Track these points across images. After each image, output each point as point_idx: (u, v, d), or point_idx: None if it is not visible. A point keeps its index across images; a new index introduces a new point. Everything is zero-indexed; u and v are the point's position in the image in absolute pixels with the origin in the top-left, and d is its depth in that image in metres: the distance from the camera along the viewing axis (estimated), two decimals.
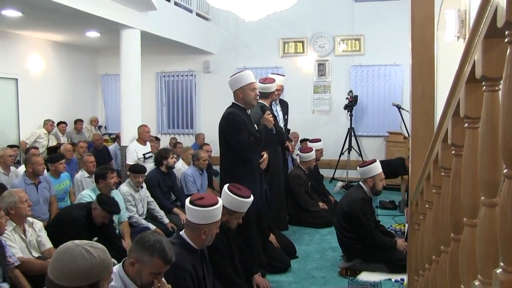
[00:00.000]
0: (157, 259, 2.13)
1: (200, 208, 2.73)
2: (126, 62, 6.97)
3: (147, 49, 7.85)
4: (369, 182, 4.26)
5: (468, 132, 1.33)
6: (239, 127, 3.79)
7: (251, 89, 3.89)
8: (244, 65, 9.64)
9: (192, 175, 6.07)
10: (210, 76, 10.14)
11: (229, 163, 3.93)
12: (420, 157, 2.80)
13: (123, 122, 7.08)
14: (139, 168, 5.18)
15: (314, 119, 9.46)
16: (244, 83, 3.88)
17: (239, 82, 3.90)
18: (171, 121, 10.62)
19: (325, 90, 9.41)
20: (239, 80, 3.90)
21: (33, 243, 3.52)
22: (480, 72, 1.14)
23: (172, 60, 10.33)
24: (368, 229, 4.15)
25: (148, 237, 2.18)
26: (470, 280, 1.25)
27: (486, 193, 1.14)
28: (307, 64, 9.48)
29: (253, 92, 3.89)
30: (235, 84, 3.93)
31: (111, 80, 10.88)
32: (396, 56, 8.70)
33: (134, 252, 2.16)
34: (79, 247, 1.63)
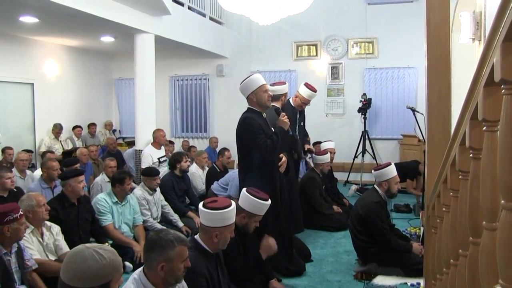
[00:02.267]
0: (179, 247, 2.19)
1: (212, 210, 2.75)
2: (140, 66, 7.02)
3: (161, 53, 7.90)
4: (384, 185, 4.23)
5: (487, 135, 1.32)
6: (256, 131, 3.79)
7: (263, 91, 3.89)
8: (257, 68, 9.65)
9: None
10: (223, 80, 10.18)
11: (248, 168, 3.93)
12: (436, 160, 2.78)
13: (138, 126, 7.12)
14: (152, 171, 5.20)
15: (327, 122, 9.44)
16: (255, 87, 3.89)
17: (250, 87, 3.91)
18: (184, 125, 10.67)
19: (339, 93, 9.39)
20: (250, 85, 3.91)
21: (50, 246, 3.56)
22: (499, 75, 1.13)
23: (185, 64, 10.38)
24: (383, 233, 4.12)
25: (157, 237, 2.21)
26: (490, 285, 1.24)
27: (506, 197, 1.13)
28: (320, 67, 9.46)
29: (265, 94, 3.90)
30: (247, 89, 3.93)
31: (125, 84, 10.97)
32: (410, 59, 8.64)
33: (157, 258, 2.16)
34: (89, 249, 1.72)
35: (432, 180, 2.67)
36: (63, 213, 4.01)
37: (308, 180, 6.00)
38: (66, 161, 5.72)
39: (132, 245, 4.44)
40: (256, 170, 3.87)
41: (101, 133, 10.15)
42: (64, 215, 4.02)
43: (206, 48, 8.91)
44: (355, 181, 8.61)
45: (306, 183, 5.94)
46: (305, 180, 6.05)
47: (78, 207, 4.17)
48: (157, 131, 6.74)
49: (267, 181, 3.85)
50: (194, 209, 5.70)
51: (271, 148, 3.77)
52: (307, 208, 5.82)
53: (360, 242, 4.26)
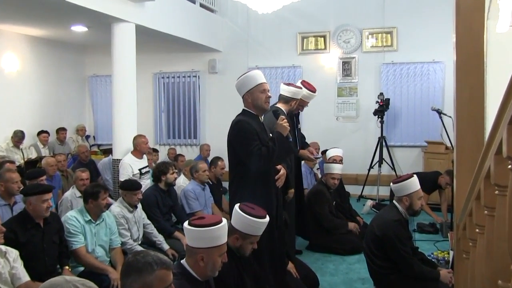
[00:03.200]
0: (160, 271, 2.13)
1: (196, 228, 2.72)
2: (118, 61, 6.99)
3: (143, 46, 7.88)
4: (405, 201, 4.22)
5: None
6: (249, 137, 3.75)
7: (261, 91, 3.84)
8: (256, 64, 9.66)
9: (193, 190, 6.06)
10: (216, 77, 10.18)
11: (240, 180, 3.90)
12: (467, 171, 2.75)
13: (115, 132, 7.08)
14: (132, 184, 5.16)
15: (338, 127, 9.43)
16: (252, 85, 3.85)
17: (246, 85, 3.87)
18: (171, 130, 10.65)
19: (351, 93, 9.39)
20: (246, 83, 3.87)
21: (4, 276, 3.39)
22: None
23: (172, 59, 10.39)
24: (404, 257, 4.09)
25: (134, 260, 2.15)
26: None
27: None
28: (329, 62, 9.47)
29: (263, 94, 3.86)
30: (242, 87, 3.90)
31: (100, 82, 10.96)
32: (436, 52, 8.64)
33: (133, 285, 2.12)
34: (69, 284, 1.64)
35: (462, 195, 2.65)
36: (24, 236, 3.91)
37: (315, 194, 5.97)
38: (29, 173, 5.63)
39: (107, 272, 4.37)
40: (249, 183, 3.84)
41: (72, 139, 10.09)
42: (25, 238, 3.90)
43: (196, 40, 8.91)
44: (371, 195, 8.58)
45: (313, 198, 5.91)
46: (311, 194, 6.03)
47: (43, 229, 4.09)
48: (138, 138, 6.71)
49: (261, 197, 3.81)
50: (182, 229, 5.66)
51: (266, 157, 3.73)
52: (315, 227, 5.79)
53: (377, 268, 4.23)
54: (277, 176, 4.02)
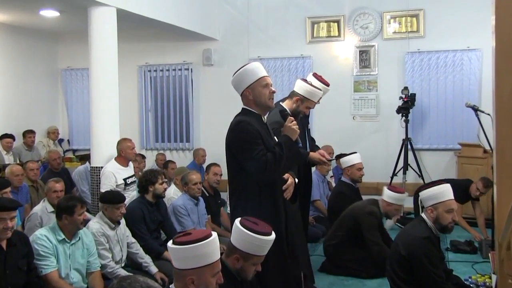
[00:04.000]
0: None
1: (181, 246, 2.70)
2: (97, 52, 6.94)
3: (126, 35, 7.87)
4: (430, 212, 4.25)
5: None
6: (251, 140, 3.73)
7: (263, 86, 3.87)
8: (258, 55, 9.66)
9: (183, 206, 6.07)
10: (212, 71, 10.17)
11: (241, 191, 3.88)
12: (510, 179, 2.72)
13: (94, 135, 7.03)
14: (114, 196, 5.14)
15: (354, 128, 9.41)
16: (252, 80, 3.83)
17: (245, 80, 3.86)
18: (159, 132, 10.64)
19: (370, 87, 9.36)
20: (245, 77, 3.86)
21: None
22: None
23: (160, 49, 10.39)
24: (436, 281, 4.10)
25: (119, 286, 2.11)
26: None
27: None
28: (344, 51, 9.44)
29: (266, 89, 3.85)
30: (240, 83, 3.88)
31: (76, 76, 10.96)
32: (471, 38, 8.62)
33: None
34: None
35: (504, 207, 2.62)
36: None
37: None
38: None
39: None
40: (252, 194, 3.83)
41: (42, 144, 10.07)
42: None
43: (187, 27, 8.89)
44: None
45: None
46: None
47: (6, 252, 4.02)
48: (123, 142, 6.66)
49: (267, 210, 3.81)
50: None
51: (272, 165, 3.71)
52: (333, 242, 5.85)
53: None
54: (285, 186, 4.00)
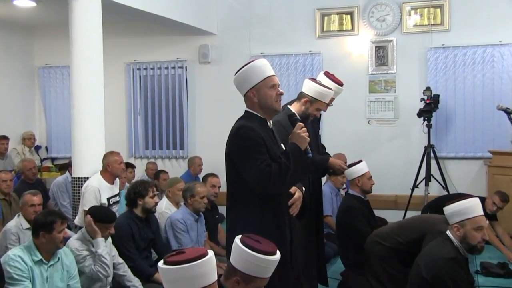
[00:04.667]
0: None
1: (173, 266, 2.70)
2: (79, 48, 6.91)
3: (112, 28, 7.85)
4: (456, 230, 4.25)
5: None
6: (254, 149, 3.68)
7: (270, 86, 3.81)
8: (261, 51, 9.66)
9: (183, 221, 6.04)
10: (209, 69, 10.19)
11: (241, 205, 3.85)
12: None
13: (76, 141, 7.00)
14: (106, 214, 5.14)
15: (370, 133, 9.40)
16: (258, 79, 3.78)
17: (249, 79, 3.81)
18: (150, 139, 10.65)
19: (388, 88, 9.34)
20: (249, 76, 3.81)
21: None
22: None
23: (151, 44, 10.41)
24: None
25: None
26: None
27: None
28: (358, 47, 9.44)
29: (272, 91, 3.80)
30: (244, 82, 3.83)
31: (55, 75, 10.98)
32: (504, 31, 8.64)
33: None
34: None
35: None
36: None
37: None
38: None
39: None
40: (254, 209, 3.79)
41: (16, 151, 10.07)
42: None
43: (182, 20, 8.90)
44: None
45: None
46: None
47: None
48: (110, 156, 6.57)
49: (270, 228, 3.78)
50: None
51: (277, 177, 3.66)
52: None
53: None
54: (291, 201, 3.96)
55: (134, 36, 10.20)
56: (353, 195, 6.28)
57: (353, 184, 6.37)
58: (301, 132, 3.85)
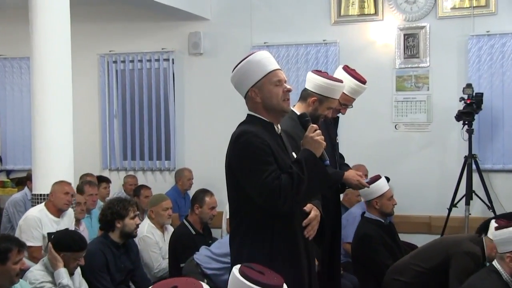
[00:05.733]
0: None
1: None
2: (41, 36, 6.94)
3: (83, 12, 7.84)
4: (509, 261, 4.31)
5: None
6: (259, 158, 3.68)
7: (274, 83, 3.86)
8: (264, 40, 9.66)
9: None
10: (201, 62, 10.18)
11: (246, 229, 3.86)
12: None
13: (37, 150, 7.02)
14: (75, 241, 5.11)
15: (396, 140, 9.37)
16: (259, 75, 3.80)
17: (249, 76, 3.83)
18: (129, 147, 10.61)
19: (419, 85, 9.30)
20: (249, 72, 3.83)
21: None
22: None
23: (130, 32, 10.42)
24: None
25: None
26: None
27: None
28: (383, 36, 9.40)
29: (278, 88, 3.81)
30: (243, 81, 3.86)
31: (11, 69, 10.92)
32: None
33: None
34: None
35: None
36: None
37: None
38: None
39: None
40: (262, 233, 3.80)
41: None
42: None
43: (169, 2, 8.90)
44: None
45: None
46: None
47: None
48: (56, 184, 6.59)
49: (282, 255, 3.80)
50: None
51: (289, 192, 3.65)
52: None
53: None
54: (306, 221, 3.95)
55: (110, 21, 10.22)
56: (371, 219, 6.29)
57: (370, 206, 6.37)
58: (315, 135, 3.87)
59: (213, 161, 8.81)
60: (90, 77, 10.42)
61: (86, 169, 8.87)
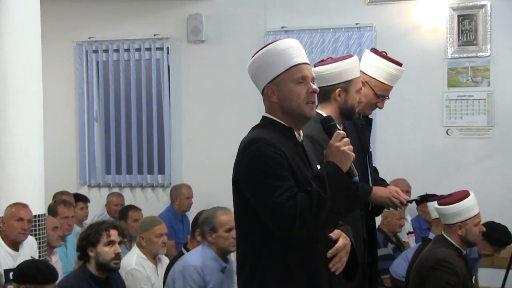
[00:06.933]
0: None
1: None
2: (6, 18, 6.98)
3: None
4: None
5: None
6: (272, 172, 3.63)
7: (296, 80, 3.79)
8: (282, 24, 9.71)
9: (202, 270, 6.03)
10: (203, 51, 10.23)
11: (256, 257, 3.83)
12: None
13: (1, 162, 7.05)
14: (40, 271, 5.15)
15: (449, 148, 9.38)
16: (278, 70, 3.77)
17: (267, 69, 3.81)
18: (113, 157, 10.64)
19: (477, 79, 9.31)
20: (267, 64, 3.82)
21: None
22: None
23: (115, 15, 10.48)
24: None
25: None
26: None
27: None
28: (431, 17, 9.40)
29: (300, 86, 3.76)
30: (261, 74, 3.84)
31: None
32: None
33: None
34: None
35: None
36: None
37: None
38: None
39: None
40: (275, 263, 3.78)
41: None
42: None
43: None
44: None
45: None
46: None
47: None
48: (12, 210, 6.63)
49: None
50: None
51: (308, 214, 3.60)
52: None
53: None
54: (332, 252, 3.92)
55: (90, 2, 10.27)
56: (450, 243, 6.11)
57: (450, 232, 6.21)
58: (342, 144, 3.79)
59: (217, 175, 8.83)
60: (65, 71, 10.46)
61: (61, 186, 8.92)
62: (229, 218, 6.10)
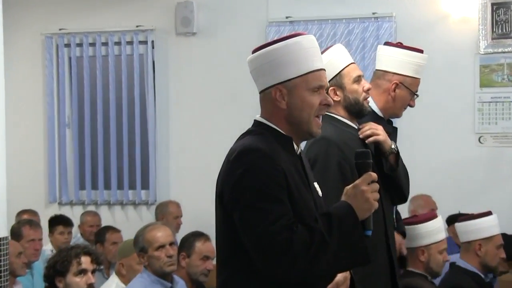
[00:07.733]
0: None
1: None
2: None
3: None
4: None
5: None
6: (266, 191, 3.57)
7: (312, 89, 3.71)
8: (286, 14, 9.71)
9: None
10: (194, 45, 10.27)
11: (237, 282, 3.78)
12: None
13: None
14: None
15: (482, 159, 9.41)
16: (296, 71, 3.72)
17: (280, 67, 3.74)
18: (88, 170, 10.62)
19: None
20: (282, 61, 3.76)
21: None
22: None
23: (90, 3, 10.48)
24: None
25: None
26: None
27: None
28: (460, 7, 9.41)
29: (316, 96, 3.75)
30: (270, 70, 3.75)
31: None
32: None
33: None
34: None
35: None
36: None
37: None
38: None
39: None
40: None
41: None
42: None
43: None
44: None
45: None
46: None
47: None
48: None
49: None
50: None
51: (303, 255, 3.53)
52: None
53: None
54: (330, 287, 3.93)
55: None
56: (466, 270, 6.15)
57: (469, 251, 6.23)
58: (369, 190, 3.69)
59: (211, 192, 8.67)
60: (31, 68, 10.47)
61: (26, 204, 8.92)
62: (160, 234, 6.14)
